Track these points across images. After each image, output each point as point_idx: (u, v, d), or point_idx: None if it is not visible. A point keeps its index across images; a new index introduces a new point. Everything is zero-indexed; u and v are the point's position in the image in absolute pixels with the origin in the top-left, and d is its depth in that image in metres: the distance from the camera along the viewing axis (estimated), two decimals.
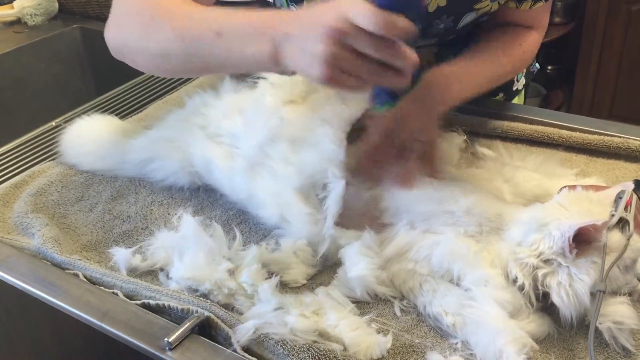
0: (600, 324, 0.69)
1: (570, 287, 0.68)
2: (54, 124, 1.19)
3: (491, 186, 0.87)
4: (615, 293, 0.71)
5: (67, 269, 0.79)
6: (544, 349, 0.69)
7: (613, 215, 0.70)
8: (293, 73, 0.79)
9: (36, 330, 0.81)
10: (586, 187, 0.74)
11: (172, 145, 0.94)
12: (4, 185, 0.98)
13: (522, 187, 0.88)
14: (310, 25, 0.68)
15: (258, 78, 0.94)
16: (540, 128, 1.03)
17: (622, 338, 0.69)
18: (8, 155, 1.11)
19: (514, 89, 1.21)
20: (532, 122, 1.06)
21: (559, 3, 2.67)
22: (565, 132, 1.02)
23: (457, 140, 0.98)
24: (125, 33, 0.85)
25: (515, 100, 1.22)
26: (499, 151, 0.98)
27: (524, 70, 1.21)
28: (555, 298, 0.69)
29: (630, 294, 0.73)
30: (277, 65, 0.73)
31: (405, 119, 0.85)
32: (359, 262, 0.74)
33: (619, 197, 0.72)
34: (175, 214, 0.86)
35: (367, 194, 0.81)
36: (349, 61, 0.67)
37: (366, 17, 0.64)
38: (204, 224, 0.82)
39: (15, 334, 0.87)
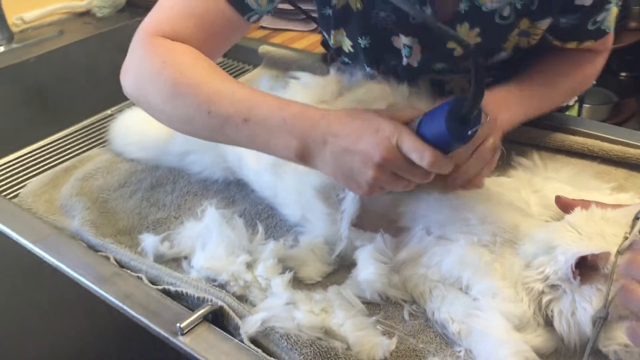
0: (605, 347, 0.68)
1: (572, 315, 0.67)
2: (109, 112, 1.26)
3: (518, 196, 0.86)
4: (625, 318, 0.69)
5: (100, 251, 0.84)
6: None
7: (626, 238, 0.68)
8: None
9: (70, 308, 0.87)
10: (601, 205, 0.73)
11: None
12: (55, 168, 1.05)
13: (551, 199, 0.86)
14: (358, 145, 0.70)
15: (291, 77, 0.96)
16: (579, 139, 1.01)
17: None
18: (65, 140, 1.18)
19: (563, 104, 1.18)
20: (574, 132, 1.04)
21: (636, 7, 2.56)
22: (606, 145, 1.00)
23: None
24: (147, 93, 0.82)
25: None
26: (533, 161, 0.96)
27: None
28: (557, 325, 0.68)
29: None
30: (303, 161, 0.74)
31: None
32: (369, 266, 0.76)
33: (636, 218, 0.70)
34: (201, 206, 0.89)
35: (387, 197, 0.82)
36: (389, 184, 0.72)
37: (418, 154, 0.68)
38: (232, 217, 0.86)
39: (50, 310, 0.93)
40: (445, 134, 0.67)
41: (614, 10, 0.94)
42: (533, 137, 1.03)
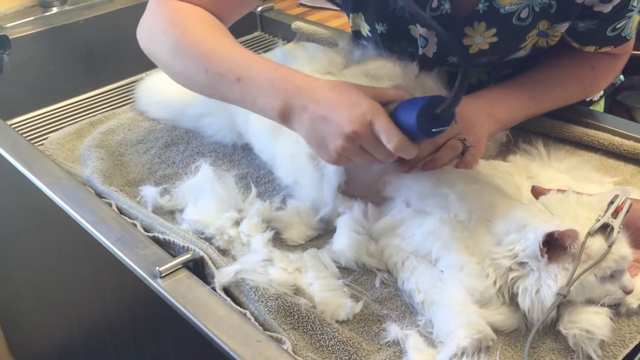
0: (566, 329, 0.68)
1: (537, 292, 0.68)
2: (144, 75, 1.32)
3: (510, 180, 0.86)
4: (593, 303, 0.69)
5: (104, 198, 0.90)
6: (506, 341, 0.70)
7: (598, 221, 0.68)
8: None
9: (74, 248, 0.94)
10: (579, 194, 0.72)
11: (221, 104, 1.01)
12: (83, 121, 1.12)
13: (545, 186, 0.86)
14: (335, 115, 0.73)
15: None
16: (590, 131, 1.00)
17: (589, 347, 0.67)
18: (98, 98, 1.26)
19: (587, 99, 1.16)
20: (586, 125, 1.02)
21: None
22: (616, 139, 0.98)
23: (499, 133, 0.98)
24: (155, 48, 0.88)
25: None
26: (537, 148, 0.96)
27: None
28: (520, 302, 0.69)
29: (617, 307, 0.71)
30: (284, 122, 0.78)
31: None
32: (342, 236, 0.78)
33: (610, 202, 0.70)
34: (195, 163, 0.94)
35: (376, 166, 0.84)
36: (355, 156, 0.75)
37: (387, 136, 0.71)
38: (225, 175, 0.90)
39: (55, 247, 1.01)
40: (413, 126, 0.71)
41: (636, 18, 0.92)
42: (543, 127, 1.02)
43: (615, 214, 0.69)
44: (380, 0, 0.94)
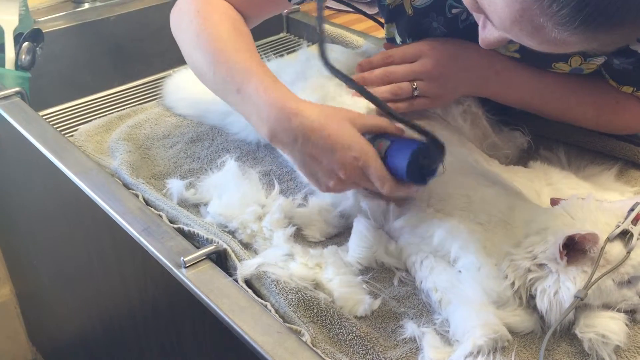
0: (581, 333, 0.69)
1: (555, 294, 0.69)
2: (171, 72, 1.35)
3: (529, 185, 0.87)
4: (609, 307, 0.70)
5: (132, 189, 0.93)
6: (522, 343, 0.71)
7: (618, 227, 0.69)
8: None
9: (100, 237, 0.96)
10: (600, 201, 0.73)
11: None
12: (112, 115, 1.15)
13: (564, 193, 0.87)
14: (325, 157, 0.75)
15: None
16: (611, 141, 1.00)
17: (604, 352, 0.68)
18: (127, 92, 1.29)
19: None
20: (609, 135, 1.03)
21: None
22: (638, 149, 0.98)
23: (519, 139, 0.99)
24: (180, 36, 0.92)
25: None
26: (557, 155, 0.97)
27: None
28: (538, 303, 0.70)
29: (633, 312, 0.72)
30: (275, 145, 0.80)
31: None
32: (356, 248, 0.80)
33: (631, 210, 0.70)
34: (220, 158, 0.96)
35: None
36: (349, 189, 0.80)
37: (380, 182, 0.75)
38: (249, 171, 0.92)
39: (81, 236, 1.03)
40: (404, 175, 0.75)
41: None
42: (564, 134, 1.03)
43: (635, 221, 0.70)
44: (414, 19, 0.94)
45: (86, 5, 1.54)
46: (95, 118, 1.16)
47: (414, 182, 0.76)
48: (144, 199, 0.91)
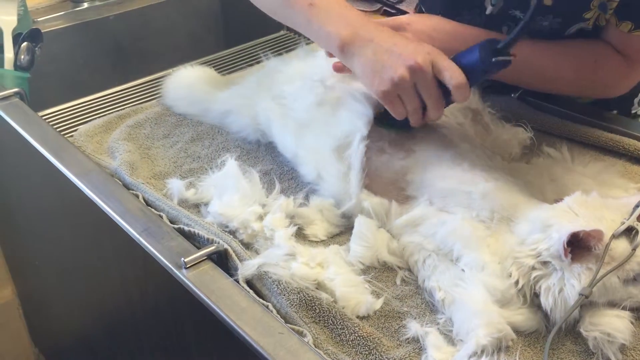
0: (586, 331, 0.68)
1: (560, 292, 0.68)
2: (171, 71, 1.34)
3: (532, 182, 0.86)
4: (614, 305, 0.70)
5: (132, 189, 0.92)
6: (526, 342, 0.70)
7: (623, 224, 0.68)
8: None
9: (100, 238, 0.96)
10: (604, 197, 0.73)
11: (246, 102, 1.03)
12: (111, 115, 1.14)
13: (568, 190, 0.85)
14: (400, 48, 0.78)
15: None
16: (616, 137, 0.99)
17: (609, 351, 0.67)
18: (126, 92, 1.28)
19: (633, 111, 1.15)
20: (613, 130, 1.02)
21: None
22: None
23: (522, 135, 0.98)
24: None
25: None
26: (561, 152, 0.96)
27: None
28: (543, 301, 0.69)
29: (638, 311, 0.71)
30: (342, 53, 0.82)
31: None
32: (357, 247, 0.79)
33: (636, 206, 0.70)
34: (220, 158, 0.95)
35: (398, 164, 0.85)
36: (407, 93, 0.79)
37: (450, 72, 0.77)
38: (250, 170, 0.91)
39: (81, 237, 1.03)
40: (476, 60, 0.78)
41: None
42: (567, 131, 1.02)
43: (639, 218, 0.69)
44: None
45: (85, 5, 1.54)
46: (95, 118, 1.15)
47: (484, 64, 0.78)
48: (144, 199, 0.90)
